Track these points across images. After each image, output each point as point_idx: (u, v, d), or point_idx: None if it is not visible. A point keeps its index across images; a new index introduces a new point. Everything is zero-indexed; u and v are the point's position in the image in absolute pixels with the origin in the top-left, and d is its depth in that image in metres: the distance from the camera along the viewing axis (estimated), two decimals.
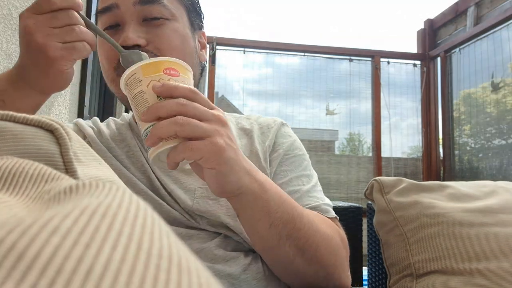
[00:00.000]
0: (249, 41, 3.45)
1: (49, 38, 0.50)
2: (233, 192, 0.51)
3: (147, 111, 0.46)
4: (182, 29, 0.67)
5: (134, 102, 0.49)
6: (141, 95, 0.48)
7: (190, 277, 0.13)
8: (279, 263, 0.59)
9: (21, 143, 0.23)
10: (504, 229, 0.75)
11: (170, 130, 0.45)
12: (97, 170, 0.27)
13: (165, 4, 0.65)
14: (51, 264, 0.11)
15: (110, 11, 0.64)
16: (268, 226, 0.54)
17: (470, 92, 3.29)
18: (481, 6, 3.19)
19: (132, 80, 0.49)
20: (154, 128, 0.45)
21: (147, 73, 0.48)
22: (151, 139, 0.46)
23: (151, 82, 0.48)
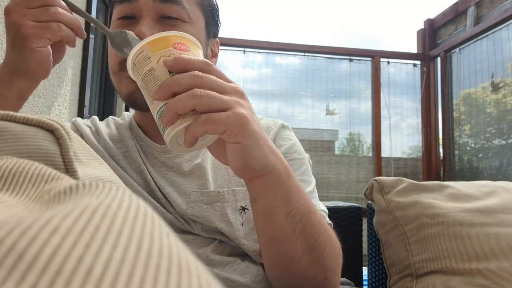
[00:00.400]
0: (249, 41, 3.45)
1: (24, 18, 0.51)
2: (259, 170, 0.47)
3: (159, 88, 0.42)
4: (197, 33, 0.66)
5: (144, 82, 0.45)
6: (151, 73, 0.44)
7: (190, 277, 0.13)
8: (285, 259, 0.55)
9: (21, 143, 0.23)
10: (504, 229, 0.75)
11: (188, 103, 0.41)
12: (97, 170, 0.27)
13: (184, 6, 0.64)
14: (51, 264, 0.11)
15: (129, 2, 0.63)
16: (286, 215, 0.51)
17: (470, 92, 3.29)
18: (481, 6, 3.19)
19: (140, 59, 0.45)
20: (170, 103, 0.41)
21: (156, 49, 0.45)
22: (167, 116, 0.41)
23: (161, 58, 0.44)
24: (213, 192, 0.64)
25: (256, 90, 3.54)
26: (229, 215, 0.63)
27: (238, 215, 0.64)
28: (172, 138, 0.43)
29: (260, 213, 0.52)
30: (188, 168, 0.67)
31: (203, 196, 0.64)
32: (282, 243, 0.53)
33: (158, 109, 0.43)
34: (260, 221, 0.53)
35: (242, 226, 0.64)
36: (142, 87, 0.46)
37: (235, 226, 0.63)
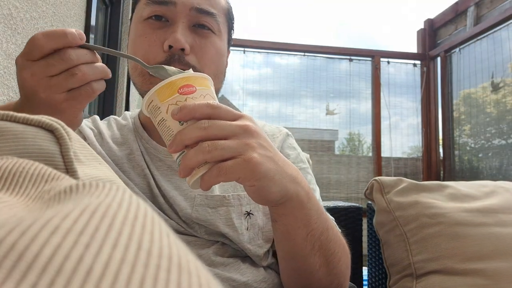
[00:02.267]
0: (249, 41, 3.45)
1: (51, 90, 0.45)
2: (277, 201, 0.48)
3: (172, 143, 0.44)
4: (223, 47, 0.68)
5: (159, 130, 0.47)
6: (163, 123, 0.45)
7: (190, 277, 0.13)
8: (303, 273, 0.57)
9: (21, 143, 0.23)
10: (504, 229, 0.75)
11: (199, 158, 0.42)
12: (97, 170, 0.27)
13: (217, 20, 0.65)
14: (51, 264, 0.11)
15: (166, 5, 0.62)
16: (306, 235, 0.52)
17: (470, 92, 3.29)
18: (481, 6, 3.19)
19: (151, 109, 0.46)
20: (183, 159, 0.43)
21: (163, 98, 0.45)
22: (184, 171, 0.44)
23: (169, 107, 0.45)
24: (218, 196, 0.64)
25: (256, 90, 3.54)
26: (234, 220, 0.63)
27: (243, 219, 0.64)
28: (192, 184, 0.45)
29: (280, 233, 0.53)
30: None
31: (208, 200, 0.64)
32: (301, 259, 0.55)
33: (176, 158, 0.46)
34: (280, 239, 0.55)
35: (247, 231, 0.64)
36: (159, 132, 0.47)
37: (240, 231, 0.63)
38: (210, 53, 0.65)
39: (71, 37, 0.45)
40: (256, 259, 0.65)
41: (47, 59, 0.45)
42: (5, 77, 0.92)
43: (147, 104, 0.47)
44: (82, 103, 0.48)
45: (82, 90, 0.47)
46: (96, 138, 0.69)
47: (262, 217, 0.66)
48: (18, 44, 0.95)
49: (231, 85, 3.54)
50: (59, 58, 0.45)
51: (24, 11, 0.98)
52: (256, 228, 0.65)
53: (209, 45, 0.65)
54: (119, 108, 2.12)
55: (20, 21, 0.96)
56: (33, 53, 0.45)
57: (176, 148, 0.44)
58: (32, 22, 1.02)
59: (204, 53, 0.64)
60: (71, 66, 0.45)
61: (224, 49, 0.69)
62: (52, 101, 0.46)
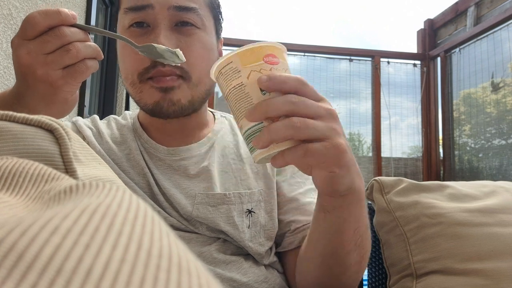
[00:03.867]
0: (249, 41, 3.45)
1: (47, 67, 0.46)
2: (341, 192, 0.47)
3: (254, 111, 0.41)
4: (210, 40, 0.66)
5: (232, 96, 0.43)
6: (241, 88, 0.42)
7: (190, 277, 0.13)
8: (336, 271, 0.56)
9: (21, 143, 0.23)
10: (504, 229, 0.75)
11: (286, 134, 0.40)
12: (96, 170, 0.26)
13: (199, 13, 0.63)
14: (51, 264, 0.11)
15: (144, 10, 0.61)
16: (353, 231, 0.52)
17: (470, 92, 3.29)
18: (481, 6, 3.19)
19: (228, 70, 0.43)
20: (267, 131, 0.40)
21: (246, 62, 0.43)
22: (263, 142, 0.41)
23: (251, 73, 0.42)
24: (219, 194, 0.64)
25: None
26: (235, 218, 0.63)
27: (244, 217, 0.64)
28: (262, 159, 0.43)
29: (329, 225, 0.52)
30: (194, 171, 0.66)
31: (209, 198, 0.63)
32: (341, 255, 0.54)
33: (248, 128, 0.42)
34: (326, 233, 0.53)
35: (248, 229, 0.64)
36: (228, 99, 0.44)
37: (241, 229, 0.63)
38: (197, 50, 0.63)
39: (65, 15, 0.46)
40: (258, 257, 0.65)
41: (42, 37, 0.46)
42: (5, 77, 0.92)
43: (223, 64, 0.44)
44: (77, 79, 0.48)
45: (77, 67, 0.47)
46: (95, 138, 0.68)
47: (264, 215, 0.66)
48: None
49: None
50: (54, 35, 0.46)
51: (24, 11, 0.98)
52: (257, 226, 0.65)
53: (195, 42, 0.63)
54: (119, 108, 2.12)
55: (20, 21, 0.96)
56: (29, 31, 0.45)
57: (257, 117, 0.41)
58: None
59: (191, 51, 0.62)
60: (66, 43, 0.46)
61: (211, 43, 0.67)
62: (48, 78, 0.47)
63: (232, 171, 0.68)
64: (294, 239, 0.66)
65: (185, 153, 0.68)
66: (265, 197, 0.67)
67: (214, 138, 0.71)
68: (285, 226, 0.68)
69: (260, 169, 0.69)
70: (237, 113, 0.43)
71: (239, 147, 0.71)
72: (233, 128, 0.76)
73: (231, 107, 0.44)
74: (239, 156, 0.70)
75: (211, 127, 0.74)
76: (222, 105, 3.67)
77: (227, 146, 0.71)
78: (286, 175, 0.71)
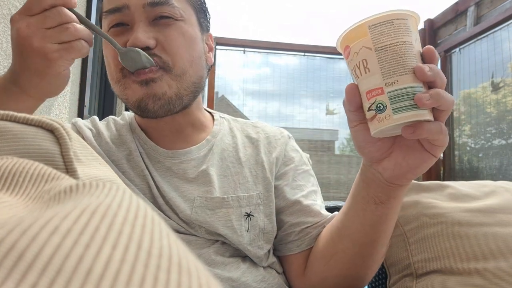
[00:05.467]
0: (249, 41, 3.45)
1: (45, 40, 0.49)
2: (410, 180, 0.51)
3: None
4: (191, 30, 0.66)
5: (399, 49, 0.43)
6: (410, 47, 0.43)
7: (190, 277, 0.13)
8: (369, 261, 0.60)
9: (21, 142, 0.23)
10: (504, 229, 0.75)
11: (448, 103, 0.43)
12: (97, 170, 0.27)
13: (174, 6, 0.63)
14: (51, 264, 0.11)
15: (120, 11, 0.62)
16: (394, 222, 0.57)
17: (470, 92, 3.29)
18: (481, 6, 3.19)
19: (401, 24, 0.43)
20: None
21: (414, 29, 0.45)
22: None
23: (416, 40, 0.44)
24: (217, 198, 0.64)
25: (256, 90, 3.54)
26: (233, 222, 0.63)
27: (243, 221, 0.64)
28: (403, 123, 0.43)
29: (379, 216, 0.55)
30: (193, 174, 0.66)
31: (207, 201, 0.63)
32: (379, 245, 0.58)
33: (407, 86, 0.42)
34: (374, 223, 0.56)
35: (247, 232, 0.64)
36: (388, 51, 0.43)
37: (239, 233, 0.63)
38: (177, 40, 0.63)
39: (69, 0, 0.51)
40: (257, 260, 0.65)
41: (44, 13, 0.49)
42: None
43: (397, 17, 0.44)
44: (71, 55, 0.51)
45: (73, 44, 0.51)
46: (95, 138, 0.69)
47: (263, 218, 0.66)
48: None
49: (231, 85, 3.54)
50: (56, 12, 0.49)
51: None
52: (257, 230, 0.65)
53: (174, 32, 0.63)
54: (119, 108, 2.12)
55: None
56: (33, 7, 0.49)
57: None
58: None
59: (171, 41, 0.62)
60: (66, 22, 0.50)
61: (193, 33, 0.66)
62: (45, 49, 0.49)
63: (231, 174, 0.68)
64: (302, 242, 0.67)
65: (184, 156, 0.68)
66: (264, 201, 0.67)
67: (213, 140, 0.71)
68: (289, 227, 0.68)
69: (259, 172, 0.69)
70: (396, 67, 0.43)
71: (238, 150, 0.71)
72: (232, 129, 0.76)
73: (388, 59, 0.43)
74: (238, 160, 0.70)
75: (210, 129, 0.74)
76: (222, 105, 3.67)
77: (226, 149, 0.71)
78: (288, 179, 0.71)
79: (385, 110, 0.43)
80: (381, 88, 0.43)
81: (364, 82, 0.45)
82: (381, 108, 0.43)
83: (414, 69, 0.42)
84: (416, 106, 0.42)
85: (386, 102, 0.43)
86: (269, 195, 0.68)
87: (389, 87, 0.42)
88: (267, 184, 0.68)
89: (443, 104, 0.43)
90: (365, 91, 0.45)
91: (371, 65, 0.44)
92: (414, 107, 0.42)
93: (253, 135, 0.75)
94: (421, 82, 0.43)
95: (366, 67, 0.44)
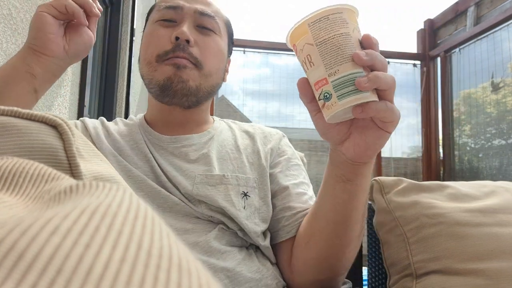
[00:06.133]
0: (249, 41, 3.45)
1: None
2: (372, 157, 0.55)
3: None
4: (223, 46, 0.77)
5: (337, 41, 0.46)
6: (348, 37, 0.47)
7: (190, 277, 0.13)
8: (344, 240, 0.62)
9: (25, 138, 0.23)
10: (504, 229, 0.75)
11: (388, 81, 0.47)
12: (98, 166, 0.27)
13: (217, 22, 0.75)
14: (51, 264, 0.11)
15: (174, 9, 0.73)
16: (364, 200, 0.60)
17: (470, 92, 3.29)
18: (481, 6, 3.19)
19: (337, 18, 0.47)
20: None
21: (352, 20, 0.48)
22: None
23: (355, 29, 0.47)
24: (218, 175, 0.69)
25: (256, 90, 3.54)
26: (232, 197, 0.67)
27: (240, 198, 0.68)
28: (344, 110, 0.46)
29: (348, 194, 0.58)
30: (194, 157, 0.72)
31: (208, 178, 0.68)
32: (352, 223, 0.61)
33: (348, 73, 0.46)
34: (344, 201, 0.59)
35: (244, 209, 0.68)
36: (327, 44, 0.47)
37: (237, 207, 0.67)
38: (212, 47, 0.74)
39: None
40: (253, 236, 0.67)
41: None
42: None
43: (332, 12, 0.47)
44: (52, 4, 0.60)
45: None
46: (103, 132, 0.75)
47: (258, 200, 0.71)
48: (18, 44, 0.95)
49: (231, 85, 3.54)
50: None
51: (24, 11, 0.98)
52: (252, 208, 0.69)
53: (211, 41, 0.74)
54: (119, 108, 2.12)
55: (20, 21, 0.96)
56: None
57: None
58: None
59: (207, 47, 0.73)
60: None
61: (224, 49, 0.78)
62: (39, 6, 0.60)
63: (230, 159, 0.74)
64: (291, 227, 0.70)
65: (186, 141, 0.74)
66: (259, 185, 0.72)
67: (214, 132, 0.79)
68: (279, 212, 0.72)
69: (255, 160, 0.75)
70: (336, 58, 0.46)
71: (236, 140, 0.79)
72: (230, 126, 0.84)
73: (328, 52, 0.47)
74: (236, 147, 0.77)
75: (211, 125, 0.81)
76: (221, 105, 3.67)
77: (225, 139, 0.78)
78: (281, 167, 0.77)
79: (331, 98, 0.46)
80: (325, 78, 0.47)
81: (311, 75, 0.49)
82: (328, 96, 0.47)
83: (352, 56, 0.46)
84: (358, 90, 0.46)
85: (331, 90, 0.46)
86: (263, 180, 0.73)
87: (332, 77, 0.46)
88: (262, 170, 0.74)
89: (381, 84, 0.46)
90: (313, 83, 0.49)
91: (315, 59, 0.47)
92: (356, 91, 0.46)
93: (250, 130, 0.82)
94: (361, 67, 0.46)
95: (311, 62, 0.48)
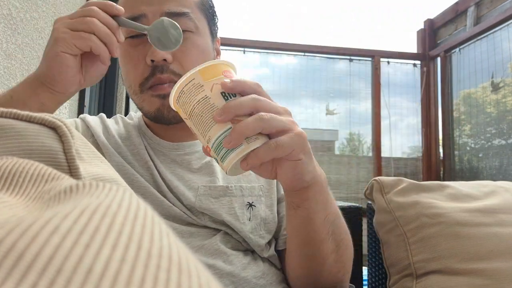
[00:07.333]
0: (249, 41, 3.45)
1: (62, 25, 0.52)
2: (307, 183, 0.50)
3: (223, 111, 0.43)
4: (205, 42, 0.69)
5: (198, 109, 0.45)
6: (206, 100, 0.45)
7: (190, 277, 0.13)
8: (317, 259, 0.59)
9: (24, 140, 0.23)
10: (504, 229, 0.75)
11: (257, 127, 0.43)
12: (98, 168, 0.27)
13: (191, 17, 0.66)
14: (51, 264, 0.11)
15: (138, 20, 0.63)
16: (323, 219, 0.55)
17: (470, 92, 3.29)
18: (481, 6, 3.19)
19: (191, 87, 0.46)
20: (239, 126, 0.43)
21: (208, 77, 0.46)
22: (234, 139, 0.43)
23: (214, 86, 0.45)
24: (221, 187, 0.66)
25: None
26: (236, 209, 0.65)
27: (245, 210, 0.66)
28: (236, 163, 0.45)
29: (301, 219, 0.55)
30: (197, 165, 0.69)
31: (211, 190, 0.66)
32: (317, 244, 0.57)
33: (217, 136, 0.44)
34: (299, 226, 0.57)
35: (249, 221, 0.66)
36: (194, 116, 0.46)
37: (241, 220, 0.65)
38: (192, 55, 0.66)
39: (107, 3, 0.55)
40: (258, 249, 0.66)
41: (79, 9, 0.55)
42: (5, 77, 0.92)
43: (185, 83, 0.46)
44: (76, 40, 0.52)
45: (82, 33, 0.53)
46: (103, 133, 0.71)
47: (265, 209, 0.68)
48: (18, 44, 0.95)
49: None
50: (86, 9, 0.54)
51: (24, 11, 0.98)
52: (258, 219, 0.67)
53: (190, 46, 0.66)
54: (119, 108, 2.12)
55: (20, 21, 0.96)
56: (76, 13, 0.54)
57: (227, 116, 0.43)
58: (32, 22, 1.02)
59: (187, 56, 0.65)
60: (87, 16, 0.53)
61: (206, 45, 0.69)
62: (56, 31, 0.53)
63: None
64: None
65: (188, 148, 0.71)
66: (265, 192, 0.70)
67: None
68: (281, 219, 0.71)
69: None
70: (204, 126, 0.46)
71: None
72: None
73: (197, 122, 0.46)
74: None
75: None
76: None
77: None
78: None
79: (218, 160, 0.46)
80: (207, 146, 0.47)
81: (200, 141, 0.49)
82: (216, 159, 0.47)
83: (213, 119, 0.44)
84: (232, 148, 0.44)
85: (214, 155, 0.46)
86: (270, 188, 0.71)
87: (210, 143, 0.46)
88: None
89: (249, 132, 0.43)
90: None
91: (194, 130, 0.48)
92: (232, 149, 0.44)
93: None
94: (229, 122, 0.44)
95: (194, 133, 0.48)
